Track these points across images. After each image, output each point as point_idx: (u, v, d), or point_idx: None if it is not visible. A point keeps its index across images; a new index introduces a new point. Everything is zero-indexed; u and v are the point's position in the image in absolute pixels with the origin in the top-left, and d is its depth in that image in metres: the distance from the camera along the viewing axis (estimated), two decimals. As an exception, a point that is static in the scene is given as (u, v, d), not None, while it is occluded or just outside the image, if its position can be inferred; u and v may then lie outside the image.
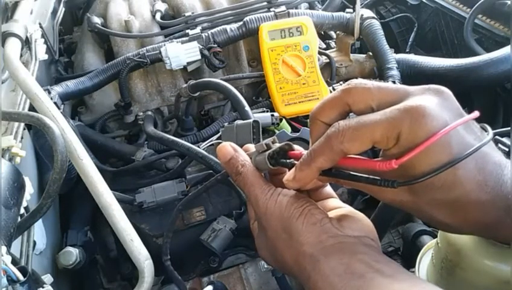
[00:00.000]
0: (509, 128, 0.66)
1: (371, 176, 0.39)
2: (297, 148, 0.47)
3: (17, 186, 0.56)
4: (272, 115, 0.96)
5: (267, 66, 1.03)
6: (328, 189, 0.51)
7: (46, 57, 0.96)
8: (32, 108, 0.76)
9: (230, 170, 0.49)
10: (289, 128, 0.98)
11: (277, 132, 0.95)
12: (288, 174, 0.44)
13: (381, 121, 0.36)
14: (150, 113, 1.12)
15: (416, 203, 0.39)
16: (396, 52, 1.14)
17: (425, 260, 0.64)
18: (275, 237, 0.45)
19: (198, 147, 0.91)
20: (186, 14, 1.16)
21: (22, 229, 0.60)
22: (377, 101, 0.39)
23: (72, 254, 0.82)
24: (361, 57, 1.18)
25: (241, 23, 1.10)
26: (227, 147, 0.50)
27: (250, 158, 0.49)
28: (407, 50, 1.39)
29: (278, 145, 0.47)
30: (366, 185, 0.40)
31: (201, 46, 1.05)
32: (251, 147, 0.51)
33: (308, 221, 0.42)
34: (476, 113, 0.37)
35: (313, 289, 0.40)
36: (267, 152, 0.47)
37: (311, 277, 0.40)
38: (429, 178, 0.36)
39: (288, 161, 0.46)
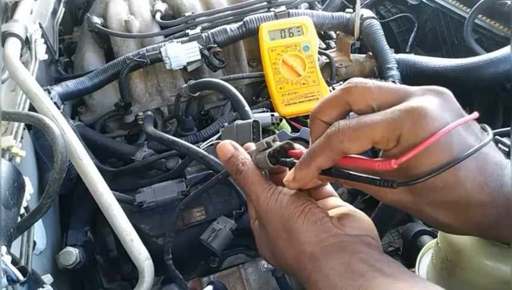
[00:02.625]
0: (509, 128, 0.66)
1: (370, 176, 0.39)
2: (298, 147, 0.47)
3: (17, 186, 0.56)
4: (272, 115, 0.96)
5: (267, 66, 1.03)
6: (329, 188, 0.51)
7: (46, 57, 0.96)
8: (32, 108, 0.76)
9: (230, 168, 0.49)
10: (289, 128, 0.98)
11: (277, 131, 0.95)
12: (288, 175, 0.44)
13: (382, 121, 0.36)
14: (150, 113, 1.12)
15: (416, 203, 0.39)
16: (396, 52, 1.14)
17: (425, 260, 0.63)
18: (276, 236, 0.45)
19: (198, 147, 0.91)
20: (186, 14, 1.16)
21: (22, 229, 0.60)
22: (377, 100, 0.38)
23: (72, 254, 0.82)
24: (361, 57, 1.19)
25: (241, 23, 1.10)
26: (228, 145, 0.49)
27: (251, 156, 0.49)
28: (407, 50, 1.40)
29: (278, 143, 0.47)
30: (366, 185, 0.40)
31: (201, 46, 1.05)
32: (251, 145, 0.51)
33: (308, 220, 0.42)
34: (476, 114, 0.37)
35: (313, 288, 0.40)
36: (268, 151, 0.47)
37: (312, 276, 0.40)
38: (429, 178, 0.36)
39: (288, 159, 0.46)
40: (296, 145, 0.47)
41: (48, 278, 0.63)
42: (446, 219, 0.39)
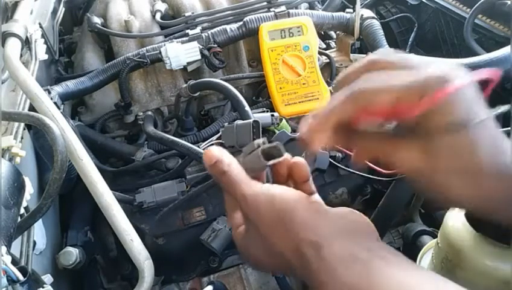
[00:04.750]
0: (509, 128, 0.66)
1: (391, 130, 0.40)
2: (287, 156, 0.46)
3: (17, 186, 0.56)
4: (272, 115, 0.96)
5: (267, 66, 1.03)
6: (312, 185, 0.50)
7: (46, 57, 0.96)
8: (32, 108, 0.76)
9: (215, 171, 0.46)
10: (289, 128, 0.98)
11: (277, 132, 0.95)
12: (303, 124, 0.42)
13: (409, 80, 0.36)
14: (150, 113, 1.12)
15: (431, 169, 0.39)
16: (396, 52, 1.13)
17: (425, 260, 0.64)
18: (270, 232, 0.43)
19: (198, 147, 0.91)
20: (186, 14, 1.16)
21: (22, 229, 0.60)
22: None
23: (72, 254, 0.82)
24: (361, 57, 1.18)
25: (241, 23, 1.10)
26: (213, 150, 0.47)
27: (239, 161, 0.47)
28: (407, 50, 1.39)
29: (269, 145, 0.46)
30: (381, 147, 0.40)
31: (201, 46, 1.05)
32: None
33: (308, 209, 0.42)
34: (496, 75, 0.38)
35: (313, 276, 0.40)
36: (260, 148, 0.45)
37: (312, 263, 0.39)
38: (447, 130, 0.37)
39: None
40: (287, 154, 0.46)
41: (47, 278, 0.63)
42: (460, 188, 0.39)
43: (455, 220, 0.53)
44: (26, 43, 0.90)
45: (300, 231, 0.41)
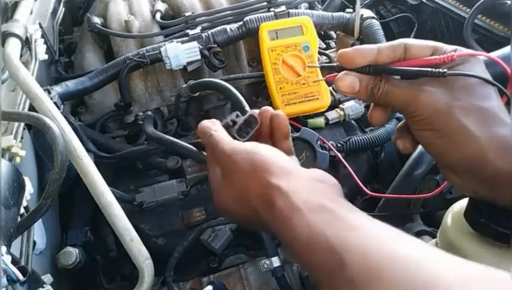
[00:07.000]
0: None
1: (421, 68, 0.47)
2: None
3: (17, 186, 0.56)
4: (272, 115, 0.96)
5: (267, 66, 1.03)
6: (290, 144, 0.56)
7: (46, 57, 0.96)
8: (32, 108, 0.76)
9: (204, 136, 0.54)
10: (289, 128, 0.98)
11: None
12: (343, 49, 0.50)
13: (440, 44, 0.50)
14: (149, 113, 1.12)
15: (449, 105, 0.45)
16: (396, 52, 1.13)
17: (425, 260, 0.63)
18: (243, 176, 0.47)
19: (199, 147, 0.91)
20: (186, 14, 1.16)
21: (22, 229, 0.60)
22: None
23: (72, 254, 0.82)
24: (361, 57, 1.18)
25: (241, 23, 1.10)
26: (206, 122, 0.55)
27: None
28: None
29: (243, 118, 0.53)
30: (405, 92, 0.47)
31: (201, 46, 1.05)
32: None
33: (284, 162, 0.46)
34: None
35: (278, 223, 0.42)
36: (235, 127, 0.52)
37: (282, 210, 0.41)
38: (471, 76, 0.46)
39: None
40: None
41: (47, 278, 0.63)
42: (473, 125, 0.44)
43: (454, 220, 0.53)
44: (26, 43, 0.90)
45: (273, 179, 0.44)
